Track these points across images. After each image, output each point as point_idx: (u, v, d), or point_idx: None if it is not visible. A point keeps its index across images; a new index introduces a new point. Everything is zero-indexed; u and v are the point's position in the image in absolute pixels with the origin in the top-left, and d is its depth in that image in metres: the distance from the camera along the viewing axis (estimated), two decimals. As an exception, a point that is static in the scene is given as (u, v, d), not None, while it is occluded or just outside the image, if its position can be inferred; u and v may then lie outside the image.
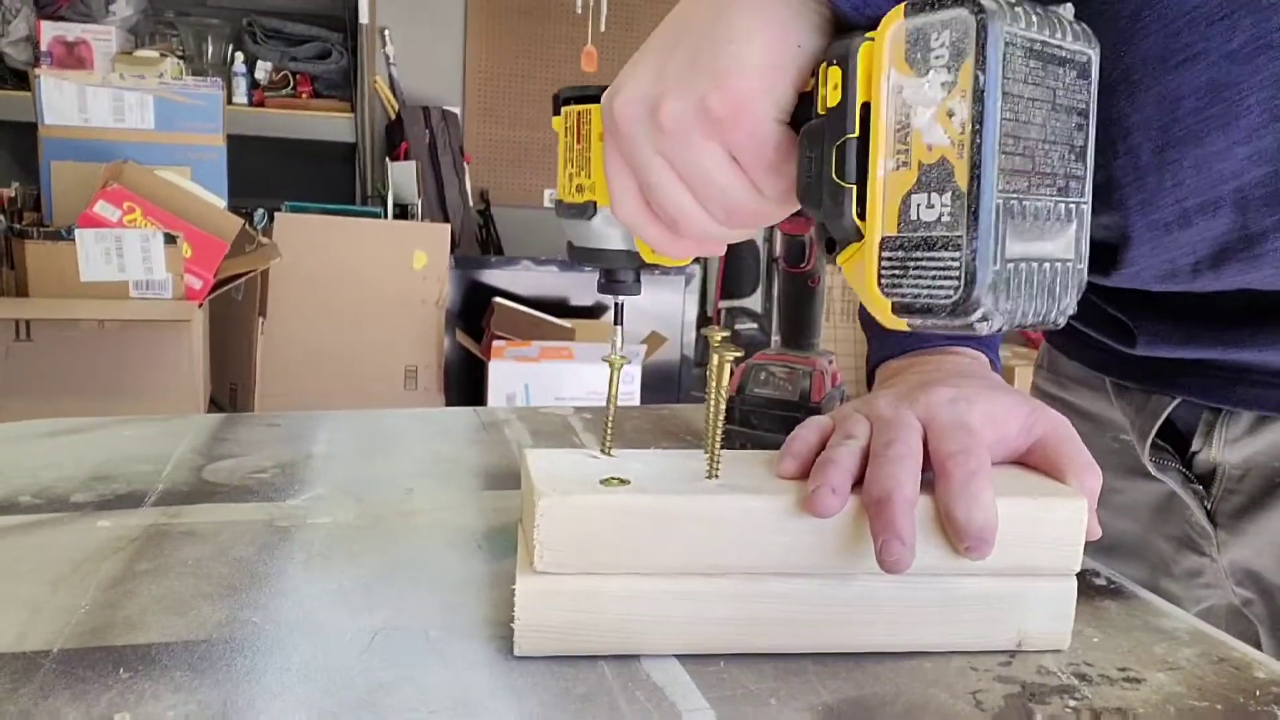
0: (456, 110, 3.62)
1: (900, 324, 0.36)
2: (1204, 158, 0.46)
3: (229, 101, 2.76)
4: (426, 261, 2.93)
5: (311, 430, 0.75)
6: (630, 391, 2.92)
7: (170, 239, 2.03)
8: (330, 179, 3.61)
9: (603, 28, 3.56)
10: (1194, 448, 0.60)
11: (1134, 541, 0.67)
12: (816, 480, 0.41)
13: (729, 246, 0.46)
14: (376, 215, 3.08)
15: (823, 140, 0.37)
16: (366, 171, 3.50)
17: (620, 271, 0.48)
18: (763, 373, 0.72)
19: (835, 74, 0.36)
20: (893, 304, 0.35)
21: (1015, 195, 0.34)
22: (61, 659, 0.40)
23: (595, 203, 0.46)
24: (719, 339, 0.43)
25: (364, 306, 2.91)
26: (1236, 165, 0.46)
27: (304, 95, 3.50)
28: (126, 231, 2.02)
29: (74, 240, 2.00)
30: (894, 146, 0.35)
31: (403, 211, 3.14)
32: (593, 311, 3.27)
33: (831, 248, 0.38)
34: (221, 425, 0.76)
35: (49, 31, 3.17)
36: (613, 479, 0.42)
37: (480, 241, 3.60)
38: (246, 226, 2.20)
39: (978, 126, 0.32)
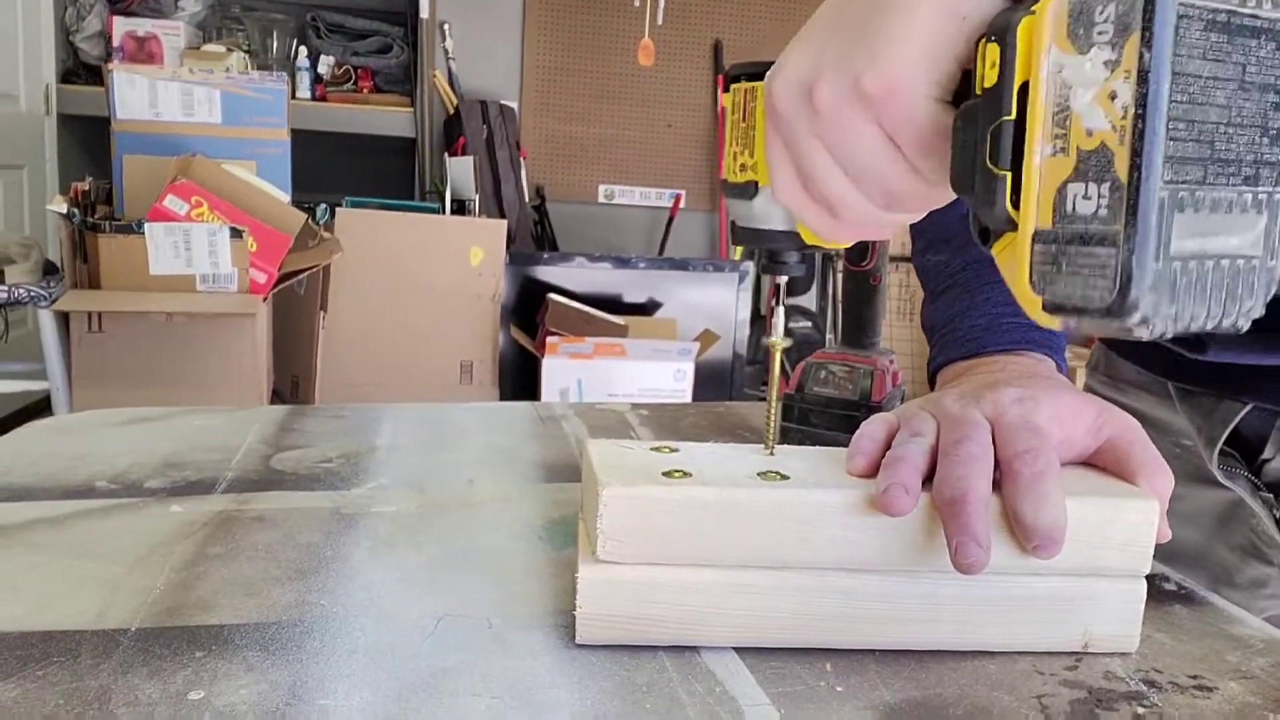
0: (513, 105, 3.64)
1: (1053, 323, 0.33)
2: None
3: (292, 96, 2.80)
4: (483, 257, 2.96)
5: (374, 422, 0.76)
6: (682, 389, 2.92)
7: (236, 233, 2.07)
8: (390, 173, 3.66)
9: (659, 21, 3.56)
10: (1266, 455, 0.59)
11: (1195, 550, 0.66)
12: (887, 478, 0.40)
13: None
14: (435, 211, 3.12)
15: (978, 122, 0.34)
16: (425, 166, 3.54)
17: (782, 252, 0.46)
18: (822, 371, 0.72)
19: (993, 51, 0.33)
20: (1044, 302, 0.33)
21: (1186, 186, 0.30)
22: (139, 637, 0.41)
23: (757, 182, 0.44)
24: (782, 347, 0.45)
25: (421, 301, 2.95)
26: None
27: (365, 90, 3.55)
28: (194, 226, 2.07)
29: (144, 234, 2.05)
30: (1052, 131, 0.32)
31: (460, 207, 3.18)
32: (646, 309, 3.28)
33: (986, 237, 0.35)
34: (288, 416, 0.78)
35: (120, 27, 3.27)
36: (675, 471, 0.42)
37: (535, 237, 3.62)
38: (309, 222, 2.24)
39: (1141, 111, 0.29)
